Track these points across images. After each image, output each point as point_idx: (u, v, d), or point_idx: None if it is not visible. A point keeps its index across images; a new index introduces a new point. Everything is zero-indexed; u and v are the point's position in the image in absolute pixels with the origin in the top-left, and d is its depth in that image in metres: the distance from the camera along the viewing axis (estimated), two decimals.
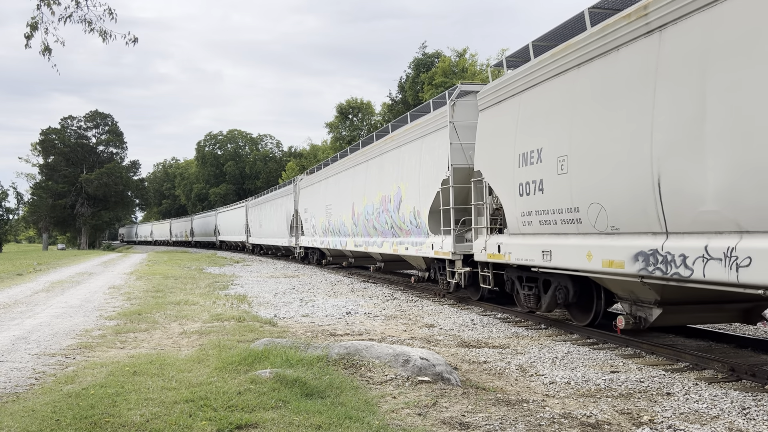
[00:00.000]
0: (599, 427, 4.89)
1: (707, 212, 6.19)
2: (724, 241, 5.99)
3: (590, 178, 7.85)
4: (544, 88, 8.89)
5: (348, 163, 20.11)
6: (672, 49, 6.55)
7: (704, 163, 6.14)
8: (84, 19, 8.87)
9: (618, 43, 7.35)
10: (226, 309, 11.99)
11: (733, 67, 5.82)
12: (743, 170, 5.73)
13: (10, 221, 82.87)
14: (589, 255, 7.91)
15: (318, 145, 66.79)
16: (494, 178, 10.41)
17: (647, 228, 7.02)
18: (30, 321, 10.71)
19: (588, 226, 8.00)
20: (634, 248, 7.15)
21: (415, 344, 8.45)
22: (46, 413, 5.04)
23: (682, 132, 6.38)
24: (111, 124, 75.14)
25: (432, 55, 44.89)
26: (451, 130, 12.16)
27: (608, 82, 7.53)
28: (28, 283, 19.30)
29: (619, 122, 7.30)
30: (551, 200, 8.67)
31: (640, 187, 6.95)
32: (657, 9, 6.67)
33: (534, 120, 9.12)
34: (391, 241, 16.06)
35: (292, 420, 4.80)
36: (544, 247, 8.91)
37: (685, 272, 6.39)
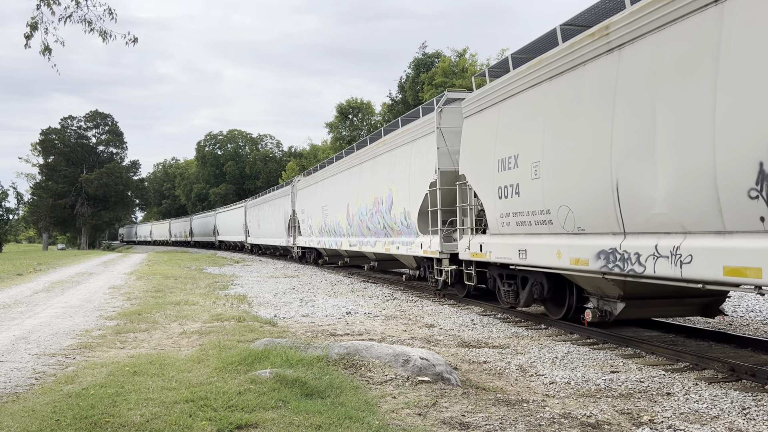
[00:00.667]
0: (599, 427, 4.89)
1: (657, 214, 6.83)
2: (671, 241, 6.66)
3: (559, 183, 8.51)
4: (521, 99, 9.57)
5: (343, 165, 20.71)
6: (629, 66, 7.23)
7: (655, 170, 6.79)
8: (84, 19, 8.88)
9: (584, 59, 8.02)
10: (226, 309, 11.99)
11: (677, 84, 6.50)
12: (685, 177, 6.37)
13: (10, 221, 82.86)
14: (559, 253, 8.58)
15: (318, 145, 66.80)
16: (477, 181, 11.06)
17: (608, 229, 7.67)
18: (30, 321, 10.71)
19: (558, 226, 8.66)
20: (596, 247, 7.80)
21: (415, 344, 8.45)
22: (46, 413, 5.04)
23: (636, 142, 7.04)
24: (111, 124, 75.15)
25: (432, 55, 44.90)
26: (438, 135, 12.82)
27: (575, 94, 8.19)
28: (28, 283, 19.30)
29: (584, 131, 7.95)
30: (526, 203, 9.36)
31: (602, 191, 7.60)
32: (617, 29, 7.35)
33: (511, 128, 9.80)
34: (384, 240, 16.67)
35: (292, 420, 4.80)
36: (520, 246, 9.58)
37: (639, 269, 7.06)
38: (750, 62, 5.67)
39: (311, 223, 25.44)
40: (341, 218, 20.64)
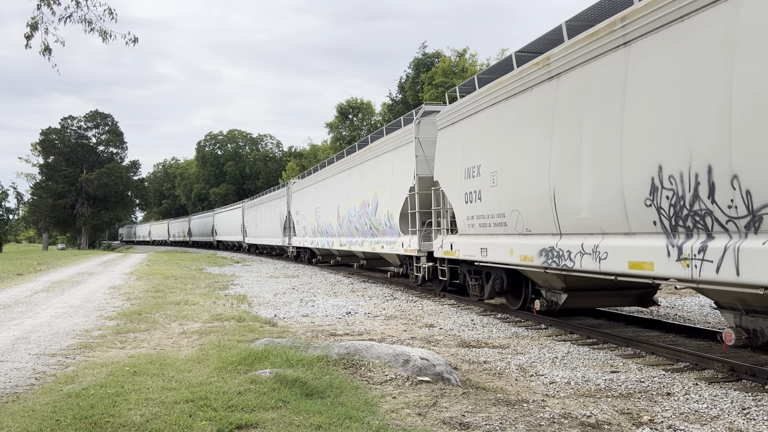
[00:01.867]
0: (599, 427, 4.89)
1: (583, 219, 8.09)
2: (593, 240, 7.93)
3: (512, 190, 9.81)
4: (483, 116, 10.84)
5: (334, 169, 22.05)
6: (564, 92, 8.43)
7: (581, 182, 8.02)
8: (84, 19, 8.87)
9: (531, 84, 9.26)
10: (226, 309, 11.99)
11: (597, 111, 7.71)
12: (602, 188, 7.63)
13: (10, 221, 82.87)
14: (512, 251, 9.89)
15: (318, 145, 66.79)
16: (448, 187, 12.36)
17: (548, 230, 8.96)
18: (30, 321, 10.71)
19: (511, 228, 9.99)
20: (539, 246, 9.09)
21: (415, 344, 8.45)
22: (46, 413, 5.04)
23: (568, 157, 8.26)
24: (111, 124, 75.14)
25: (432, 55, 44.89)
26: (416, 144, 14.17)
27: (525, 114, 9.43)
28: (28, 283, 19.31)
29: (531, 147, 9.18)
30: (487, 207, 10.67)
31: (543, 198, 8.86)
32: (555, 60, 8.57)
33: (475, 141, 11.09)
34: (370, 240, 17.93)
35: (292, 420, 4.80)
36: (482, 245, 10.92)
37: (571, 264, 8.31)
38: (646, 97, 6.95)
39: (305, 224, 26.58)
40: (332, 219, 21.79)
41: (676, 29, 6.56)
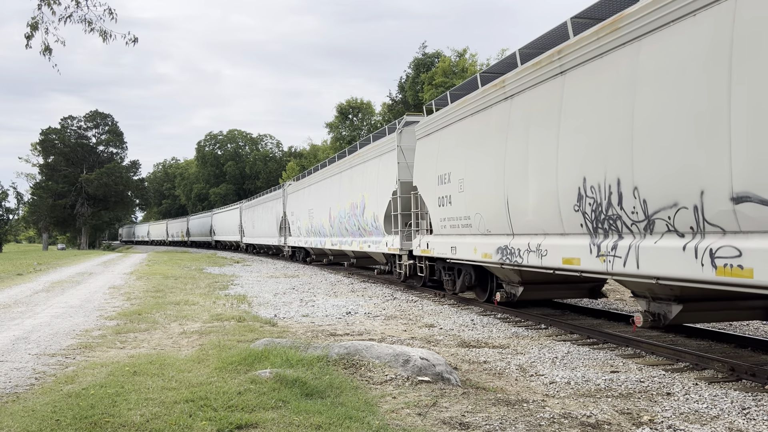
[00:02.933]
0: (599, 427, 4.89)
1: (530, 221, 9.32)
2: (537, 240, 9.17)
3: (476, 196, 11.03)
4: (453, 128, 12.06)
5: (327, 173, 23.38)
6: (516, 111, 9.66)
7: (528, 189, 9.25)
8: (84, 19, 8.88)
9: (491, 102, 10.45)
10: (226, 309, 11.99)
11: (539, 128, 8.92)
12: (543, 195, 8.84)
13: (10, 221, 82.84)
14: (475, 249, 11.11)
15: (318, 145, 66.78)
16: (425, 191, 13.61)
17: (504, 231, 10.20)
18: (30, 321, 10.71)
19: (475, 229, 11.18)
20: (497, 244, 10.33)
21: (415, 344, 8.45)
22: (46, 413, 5.04)
23: (518, 168, 9.49)
24: (111, 124, 75.13)
25: (432, 55, 44.87)
26: (398, 152, 15.40)
27: (486, 129, 10.62)
28: (28, 283, 19.31)
29: (490, 157, 10.41)
30: (455, 210, 11.90)
31: (499, 202, 10.11)
32: (510, 83, 9.83)
33: (446, 151, 12.34)
34: (359, 240, 19.20)
35: (292, 420, 4.80)
36: (452, 244, 12.16)
37: (520, 260, 9.58)
38: (574, 119, 8.13)
39: (300, 224, 27.81)
40: (325, 220, 23.05)
41: (597, 64, 7.77)
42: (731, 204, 5.87)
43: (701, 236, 6.28)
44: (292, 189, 30.12)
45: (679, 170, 6.42)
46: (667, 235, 6.73)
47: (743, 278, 5.77)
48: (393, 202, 15.69)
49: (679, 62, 6.48)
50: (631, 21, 7.16)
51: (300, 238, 28.09)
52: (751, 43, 5.67)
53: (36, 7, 8.62)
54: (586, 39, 7.92)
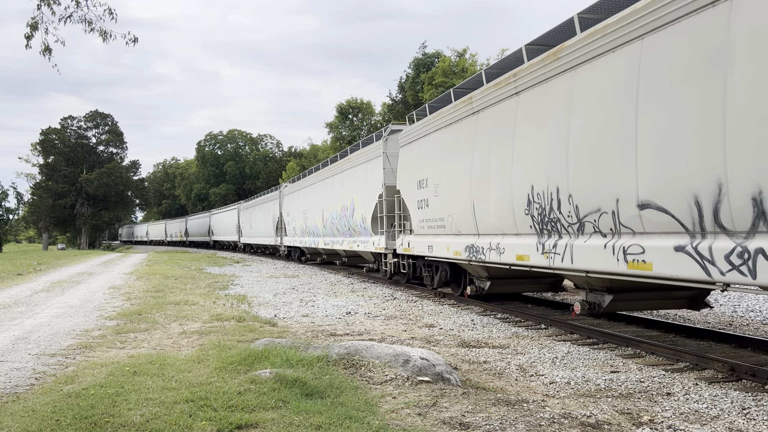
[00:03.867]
0: (599, 427, 4.89)
1: (491, 222, 10.49)
2: (497, 239, 10.36)
3: (448, 199, 12.12)
4: (430, 138, 13.27)
5: (320, 176, 24.65)
6: (481, 125, 10.77)
7: (489, 195, 10.41)
8: (84, 19, 8.88)
9: (461, 116, 11.58)
10: (226, 309, 11.99)
11: (500, 142, 10.05)
12: (501, 200, 10.03)
13: (10, 221, 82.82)
14: (448, 248, 12.25)
15: (318, 145, 66.77)
16: (406, 195, 14.77)
17: (471, 231, 11.31)
18: (30, 321, 10.71)
19: (448, 230, 12.31)
20: (465, 243, 11.44)
21: (415, 344, 8.45)
22: (46, 413, 5.04)
23: (483, 175, 10.61)
24: (111, 124, 75.13)
25: (432, 55, 44.85)
26: (384, 158, 16.62)
27: (457, 140, 11.78)
28: (28, 283, 19.30)
29: (460, 165, 11.55)
30: (432, 213, 13.06)
31: (467, 206, 11.21)
32: (476, 100, 10.93)
33: (425, 158, 13.52)
34: (349, 240, 20.35)
35: (292, 420, 4.80)
36: (429, 243, 13.33)
37: (483, 257, 10.74)
38: (526, 134, 9.31)
39: (295, 224, 29.00)
40: (318, 221, 24.32)
41: (543, 88, 8.90)
42: (638, 210, 6.99)
43: (618, 236, 7.44)
44: (288, 190, 31.28)
45: (602, 181, 7.58)
46: (594, 235, 7.90)
47: (646, 271, 6.95)
48: (379, 204, 16.79)
49: (601, 91, 7.58)
50: (568, 52, 8.18)
51: (295, 238, 29.20)
52: (653, 80, 6.77)
53: (36, 7, 8.62)
54: (535, 65, 9.05)
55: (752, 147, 5.53)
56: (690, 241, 6.35)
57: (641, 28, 6.91)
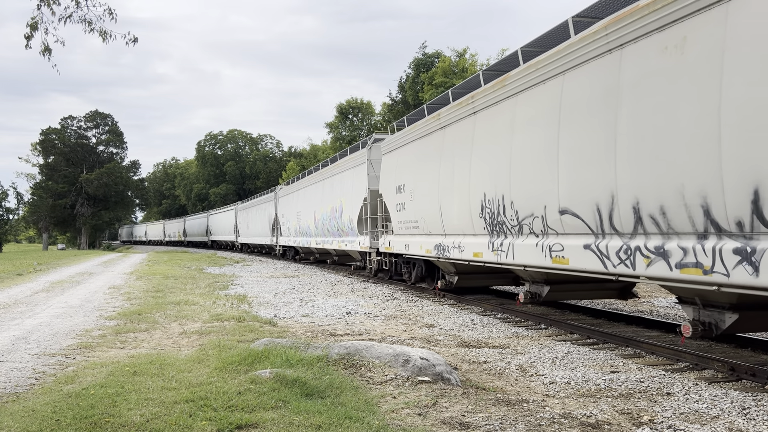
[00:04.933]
0: (599, 427, 4.89)
1: (455, 224, 12.00)
2: (459, 239, 11.86)
3: (421, 204, 13.68)
4: (407, 148, 14.77)
5: (311, 180, 26.28)
6: (447, 139, 12.28)
7: (453, 199, 11.90)
8: (84, 19, 8.87)
9: (431, 130, 13.14)
10: (226, 309, 11.99)
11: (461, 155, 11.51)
12: (462, 205, 11.52)
13: (10, 221, 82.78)
14: (421, 246, 13.83)
15: (318, 145, 66.75)
16: (387, 199, 16.25)
17: (439, 232, 12.85)
18: (30, 321, 10.71)
19: (421, 230, 13.85)
20: (434, 242, 12.99)
21: (415, 344, 8.45)
22: (46, 413, 5.04)
23: (448, 183, 12.10)
24: (111, 124, 75.11)
25: (432, 55, 44.82)
26: (368, 165, 18.14)
27: (428, 151, 13.30)
28: (28, 283, 19.30)
29: (430, 173, 13.10)
30: (408, 215, 14.63)
31: (436, 209, 12.79)
32: (444, 117, 12.44)
33: (403, 166, 15.09)
34: (338, 240, 21.85)
35: (292, 420, 4.80)
36: (406, 242, 14.90)
37: (449, 254, 12.28)
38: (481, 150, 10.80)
39: (289, 225, 30.57)
40: (310, 222, 25.83)
41: (494, 110, 10.35)
42: (559, 215, 8.46)
43: (546, 236, 8.92)
44: (283, 192, 32.83)
45: (534, 191, 9.08)
46: (529, 235, 9.37)
47: (564, 265, 8.45)
48: (364, 207, 18.30)
49: (534, 116, 9.03)
50: (512, 81, 9.71)
51: (290, 237, 30.74)
52: (570, 109, 8.17)
53: (36, 8, 8.61)
54: (488, 89, 10.50)
55: (632, 168, 7.04)
56: (594, 240, 7.82)
57: (563, 65, 8.31)
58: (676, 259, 6.49)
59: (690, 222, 6.32)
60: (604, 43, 7.46)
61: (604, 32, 7.44)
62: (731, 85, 5.80)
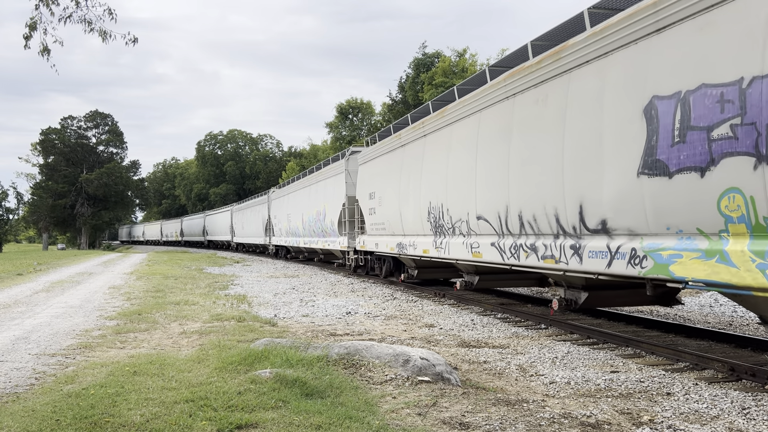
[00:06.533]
0: (599, 427, 4.89)
1: (410, 226, 14.30)
2: (413, 239, 14.17)
3: (387, 209, 15.99)
4: (377, 161, 17.06)
5: (300, 185, 28.78)
6: (406, 155, 14.56)
7: (409, 205, 14.22)
8: (84, 19, 8.86)
9: (395, 147, 15.47)
10: (226, 309, 11.98)
11: (414, 168, 13.96)
12: (416, 210, 13.73)
13: (10, 221, 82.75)
14: (387, 245, 16.21)
15: (318, 145, 66.72)
16: (362, 204, 18.65)
17: (400, 232, 15.17)
18: (30, 321, 10.71)
19: (387, 231, 16.20)
20: (397, 241, 15.34)
21: (415, 344, 8.45)
22: (46, 413, 5.04)
23: (405, 192, 14.48)
24: (111, 124, 75.07)
25: (432, 55, 44.81)
26: (346, 174, 20.60)
27: (392, 164, 15.67)
28: (28, 283, 19.30)
29: (393, 184, 15.43)
30: (377, 218, 16.88)
31: (397, 213, 15.11)
32: (404, 136, 14.72)
33: (374, 176, 17.36)
34: (323, 240, 24.25)
35: (292, 420, 4.80)
36: (376, 242, 17.29)
37: (406, 251, 14.62)
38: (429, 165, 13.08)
39: (281, 226, 32.91)
40: (299, 223, 28.14)
41: (437, 134, 12.76)
42: (476, 220, 10.83)
43: (469, 236, 11.25)
44: (275, 195, 35.08)
45: (461, 201, 11.37)
46: (459, 236, 11.64)
47: (480, 258, 10.85)
48: (343, 211, 20.66)
49: (462, 141, 11.38)
50: (449, 113, 12.12)
51: (281, 238, 33.15)
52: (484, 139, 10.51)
53: (34, 8, 8.60)
54: (433, 117, 12.91)
55: (518, 188, 9.36)
56: (497, 239, 10.22)
57: (481, 104, 10.66)
58: (541, 253, 8.90)
59: (549, 227, 8.66)
60: (504, 91, 9.84)
61: (504, 83, 9.84)
62: (569, 132, 8.10)
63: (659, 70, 6.61)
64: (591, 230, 7.74)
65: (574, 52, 8.00)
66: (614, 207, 7.27)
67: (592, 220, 7.68)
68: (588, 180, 7.69)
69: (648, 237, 6.88)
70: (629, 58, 7.04)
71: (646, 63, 6.76)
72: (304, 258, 31.35)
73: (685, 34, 6.26)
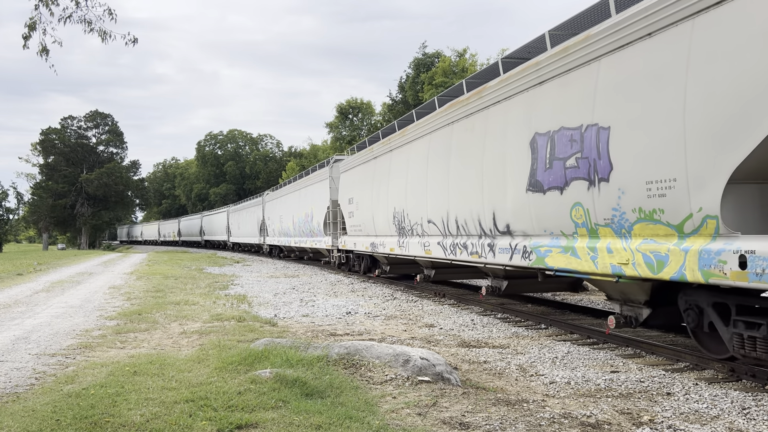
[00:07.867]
0: (599, 427, 4.89)
1: (380, 228, 16.22)
2: (382, 239, 16.18)
3: (362, 212, 17.96)
4: (356, 170, 18.98)
5: (290, 189, 30.93)
6: (378, 167, 16.55)
7: (380, 210, 16.23)
8: (83, 19, 8.87)
9: (368, 159, 17.45)
10: (226, 309, 11.99)
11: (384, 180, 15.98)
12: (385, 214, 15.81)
13: (10, 221, 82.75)
14: (363, 244, 18.16)
15: (318, 145, 66.70)
16: (343, 207, 20.62)
17: (373, 233, 17.08)
18: (30, 321, 10.71)
19: (363, 232, 18.14)
20: (370, 241, 17.34)
21: (415, 344, 8.45)
22: (46, 413, 5.04)
23: (377, 198, 16.43)
24: (111, 124, 75.06)
25: (432, 55, 44.79)
26: (330, 180, 22.68)
27: (366, 174, 17.66)
28: (28, 283, 19.30)
29: (368, 191, 17.26)
30: (355, 221, 18.86)
31: (370, 217, 17.07)
32: (376, 149, 16.74)
33: (353, 183, 19.28)
34: (311, 240, 26.18)
35: (292, 420, 4.80)
36: (354, 241, 19.23)
37: (378, 250, 16.69)
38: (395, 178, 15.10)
39: (274, 227, 34.99)
40: (290, 224, 30.24)
41: (401, 150, 14.77)
42: (428, 223, 12.79)
43: (423, 237, 13.26)
44: (269, 198, 37.05)
45: (417, 207, 13.42)
46: (416, 236, 13.65)
47: (430, 255, 12.90)
48: (328, 213, 22.82)
49: (418, 157, 13.49)
50: (408, 133, 14.20)
51: (275, 238, 35.20)
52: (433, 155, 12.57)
53: (33, 8, 8.61)
54: (397, 135, 15.11)
55: (455, 197, 11.42)
56: (442, 239, 12.22)
57: (430, 128, 12.77)
58: (470, 250, 10.95)
59: (475, 229, 10.72)
60: (446, 119, 11.92)
61: (444, 113, 12.03)
62: (487, 156, 10.11)
63: (539, 113, 8.58)
64: (501, 232, 9.82)
65: (490, 93, 10.08)
66: (514, 214, 9.34)
67: (501, 224, 9.77)
68: (498, 193, 9.78)
69: (534, 237, 8.93)
70: (523, 102, 9.04)
71: (533, 106, 8.76)
72: (295, 256, 33.94)
73: (554, 88, 8.26)
